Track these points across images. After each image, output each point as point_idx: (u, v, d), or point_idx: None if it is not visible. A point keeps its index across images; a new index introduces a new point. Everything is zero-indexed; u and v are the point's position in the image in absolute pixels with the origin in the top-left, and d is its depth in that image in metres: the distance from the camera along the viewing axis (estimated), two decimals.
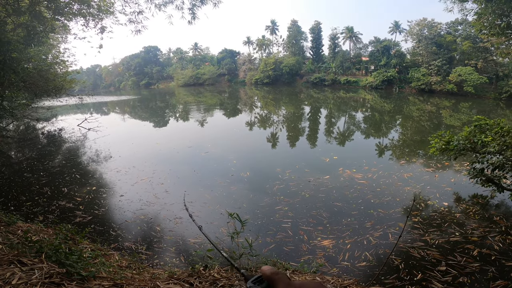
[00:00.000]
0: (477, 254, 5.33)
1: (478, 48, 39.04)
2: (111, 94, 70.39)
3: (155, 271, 3.74)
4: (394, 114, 28.23)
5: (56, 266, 2.40)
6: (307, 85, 59.37)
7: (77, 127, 19.98)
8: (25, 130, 19.48)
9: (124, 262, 3.98)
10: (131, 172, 10.74)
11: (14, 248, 2.56)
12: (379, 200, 7.98)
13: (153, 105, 42.43)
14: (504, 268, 4.92)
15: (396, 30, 53.82)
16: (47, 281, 2.12)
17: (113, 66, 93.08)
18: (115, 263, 3.67)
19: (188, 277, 2.64)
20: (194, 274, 2.74)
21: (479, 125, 7.10)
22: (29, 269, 2.26)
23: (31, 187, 8.97)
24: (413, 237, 6.17)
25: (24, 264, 2.35)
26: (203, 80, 72.97)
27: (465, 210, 7.30)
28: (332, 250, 5.70)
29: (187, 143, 15.87)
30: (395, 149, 14.62)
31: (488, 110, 28.56)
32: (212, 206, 7.82)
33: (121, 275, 2.76)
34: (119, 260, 3.97)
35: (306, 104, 36.89)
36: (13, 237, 3.03)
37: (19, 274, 2.13)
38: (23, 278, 2.10)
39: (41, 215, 6.85)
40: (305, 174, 10.20)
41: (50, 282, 2.12)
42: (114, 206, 7.88)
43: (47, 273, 2.23)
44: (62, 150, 15.08)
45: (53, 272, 2.26)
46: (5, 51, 9.29)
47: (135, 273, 3.25)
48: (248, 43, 74.13)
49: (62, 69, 17.17)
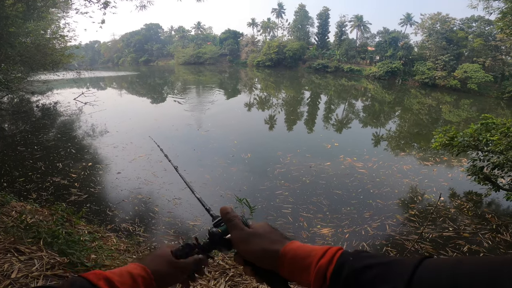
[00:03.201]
0: (467, 250, 5.41)
1: (489, 46, 38.79)
2: (109, 69, 68.72)
3: None
4: (394, 105, 28.07)
5: (57, 255, 2.28)
6: (310, 70, 58.39)
7: (73, 101, 19.49)
8: (20, 103, 18.92)
9: (122, 245, 3.90)
10: (128, 148, 10.55)
11: (9, 233, 2.43)
12: (378, 190, 7.98)
13: (152, 81, 41.55)
14: None
15: (407, 22, 52.66)
16: (50, 273, 2.00)
17: (113, 42, 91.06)
18: (113, 246, 3.59)
19: None
20: None
21: (486, 123, 7.02)
22: (28, 259, 2.13)
23: (24, 161, 8.73)
24: (409, 230, 6.23)
25: (22, 252, 2.21)
26: (204, 59, 71.63)
27: (459, 206, 7.36)
28: (331, 239, 5.72)
29: (187, 120, 15.63)
30: (396, 141, 14.60)
31: (488, 108, 28.48)
32: (212, 187, 7.73)
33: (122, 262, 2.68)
34: (117, 244, 3.89)
35: (307, 89, 36.43)
36: (7, 220, 2.89)
37: (18, 266, 2.00)
38: (22, 270, 1.97)
39: (35, 193, 6.65)
40: (306, 159, 10.13)
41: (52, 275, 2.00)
42: (110, 184, 7.73)
43: (48, 263, 2.11)
44: (57, 123, 14.75)
45: (55, 262, 2.14)
46: (3, 26, 8.94)
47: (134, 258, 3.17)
48: (253, 25, 72.34)
49: (61, 44, 16.69)
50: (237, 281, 2.63)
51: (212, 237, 0.73)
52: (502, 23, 7.84)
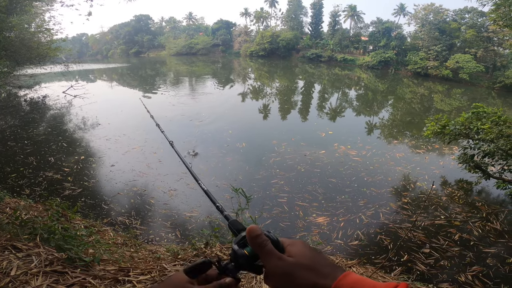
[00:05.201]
0: (458, 239, 5.52)
1: (481, 37, 39.22)
2: (98, 62, 67.03)
3: (152, 248, 3.69)
4: (387, 94, 28.22)
5: (54, 251, 2.25)
6: (303, 60, 58.02)
7: (62, 94, 19.00)
8: (7, 97, 18.34)
9: (120, 238, 3.88)
10: (121, 141, 10.42)
11: (4, 230, 2.39)
12: (371, 178, 8.10)
13: (143, 73, 40.72)
14: (481, 254, 5.11)
15: (400, 13, 52.48)
16: (49, 270, 1.97)
17: (101, 34, 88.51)
18: (110, 240, 3.58)
19: (193, 257, 2.58)
20: (199, 254, 2.68)
21: (477, 112, 7.13)
22: (25, 256, 2.10)
23: (15, 156, 8.55)
24: (402, 218, 6.35)
25: (19, 249, 2.18)
26: (196, 49, 70.49)
27: (451, 194, 7.50)
28: (326, 228, 5.81)
29: (180, 111, 15.45)
30: (389, 129, 14.75)
31: (479, 98, 28.89)
32: (207, 177, 7.72)
33: (121, 255, 2.67)
34: (114, 237, 3.87)
35: (301, 79, 36.28)
36: (2, 217, 2.83)
37: (17, 263, 1.97)
38: (21, 267, 1.95)
39: (28, 188, 6.55)
40: (301, 147, 10.18)
41: (52, 271, 1.97)
42: (105, 177, 7.65)
43: (46, 259, 2.08)
44: (47, 117, 14.40)
45: (53, 258, 2.11)
46: None
47: (133, 251, 3.17)
48: (246, 15, 71.02)
49: (47, 37, 16.14)
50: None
51: (237, 260, 0.60)
52: (495, 14, 7.87)
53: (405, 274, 4.37)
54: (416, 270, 4.66)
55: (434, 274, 4.63)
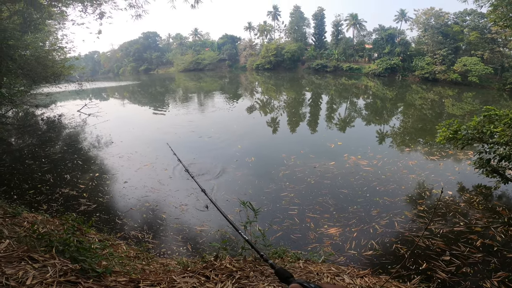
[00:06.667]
0: (480, 245, 5.34)
1: (485, 39, 38.93)
2: (110, 80, 69.50)
3: (163, 261, 3.71)
4: (396, 101, 27.96)
5: (69, 262, 2.32)
6: (309, 71, 58.54)
7: (77, 113, 19.74)
8: (25, 116, 19.22)
9: (132, 252, 3.94)
10: (133, 158, 10.66)
11: (22, 242, 2.48)
12: (384, 187, 7.95)
13: (153, 90, 41.89)
14: (505, 259, 4.93)
15: (401, 19, 52.85)
16: (63, 280, 2.04)
17: (112, 52, 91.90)
18: (123, 253, 3.63)
19: (203, 270, 2.59)
20: (209, 266, 2.68)
21: (488, 115, 6.97)
22: (41, 266, 2.18)
23: (33, 174, 8.88)
24: (418, 226, 6.17)
25: (35, 260, 2.27)
26: (203, 65, 72.12)
27: (469, 200, 7.27)
28: (339, 239, 5.70)
29: (189, 128, 15.73)
30: (400, 137, 14.53)
31: (491, 100, 28.29)
32: (217, 192, 7.79)
33: (132, 268, 2.71)
34: (126, 251, 3.93)
35: (308, 90, 36.49)
36: (19, 230, 2.95)
37: (32, 273, 2.04)
38: (37, 277, 2.02)
39: (45, 204, 6.80)
40: (310, 159, 10.14)
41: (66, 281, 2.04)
42: (118, 193, 7.83)
43: (61, 270, 2.15)
44: (63, 136, 14.94)
45: (67, 269, 2.18)
46: (1, 39, 9.07)
47: (144, 264, 3.21)
48: (249, 29, 72.73)
49: (60, 55, 16.86)
50: (243, 283, 2.64)
51: None
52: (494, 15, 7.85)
53: (425, 282, 4.21)
54: (437, 278, 4.50)
55: (456, 282, 4.46)
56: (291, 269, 3.11)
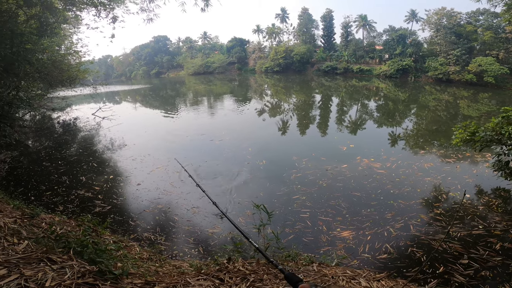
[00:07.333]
0: (499, 248, 5.19)
1: (500, 39, 38.03)
2: (123, 83, 71.11)
3: (176, 263, 3.73)
4: (409, 103, 27.39)
5: (87, 264, 2.35)
6: (319, 73, 58.16)
7: (91, 116, 20.28)
8: (42, 120, 19.87)
9: (145, 254, 3.98)
10: (146, 160, 10.83)
11: (40, 243, 2.54)
12: (399, 190, 7.78)
13: (164, 93, 42.60)
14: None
15: (412, 19, 51.72)
16: (81, 282, 2.06)
17: (124, 56, 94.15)
18: (136, 255, 3.67)
19: (217, 272, 2.58)
20: (223, 269, 2.68)
21: (507, 116, 6.73)
22: (59, 268, 2.21)
23: (50, 176, 9.15)
24: (435, 229, 6.01)
25: (54, 262, 2.31)
26: (213, 68, 72.77)
27: (488, 203, 7.04)
28: (352, 242, 5.60)
29: (200, 131, 15.88)
30: (414, 139, 14.22)
31: (508, 101, 27.32)
32: (229, 195, 7.82)
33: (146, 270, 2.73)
34: (140, 252, 3.97)
35: (318, 93, 36.25)
36: (37, 231, 3.02)
37: (51, 274, 2.07)
38: (55, 279, 2.04)
39: (61, 205, 6.97)
40: (322, 162, 10.04)
41: (84, 283, 2.06)
42: (131, 195, 7.96)
43: (79, 272, 2.18)
44: (78, 139, 15.35)
45: (85, 271, 2.21)
46: (19, 43, 9.33)
47: (157, 266, 3.23)
48: (258, 32, 72.80)
49: (76, 59, 17.35)
50: (258, 286, 2.62)
51: None
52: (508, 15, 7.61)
53: (442, 286, 4.09)
54: (455, 282, 4.38)
55: (475, 285, 4.33)
56: (305, 272, 3.06)
